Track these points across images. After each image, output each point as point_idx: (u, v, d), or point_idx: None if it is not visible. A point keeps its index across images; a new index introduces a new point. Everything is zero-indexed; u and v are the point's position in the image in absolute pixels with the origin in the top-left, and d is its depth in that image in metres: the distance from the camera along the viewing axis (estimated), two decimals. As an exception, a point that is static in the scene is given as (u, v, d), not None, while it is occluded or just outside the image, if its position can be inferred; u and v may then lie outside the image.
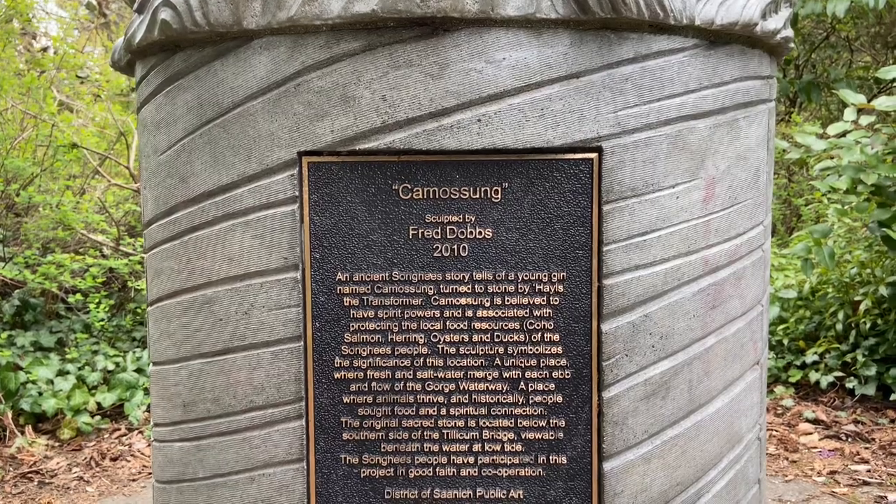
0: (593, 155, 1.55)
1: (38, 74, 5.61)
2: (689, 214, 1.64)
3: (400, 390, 1.61)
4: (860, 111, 3.93)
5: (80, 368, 5.01)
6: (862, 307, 5.09)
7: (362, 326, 1.60)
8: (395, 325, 1.59)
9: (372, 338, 1.60)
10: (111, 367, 5.07)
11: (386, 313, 1.59)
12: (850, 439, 4.45)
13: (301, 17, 1.49)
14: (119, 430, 4.76)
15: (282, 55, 1.54)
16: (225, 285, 1.64)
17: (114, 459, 4.32)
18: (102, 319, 5.27)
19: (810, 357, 5.29)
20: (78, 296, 5.17)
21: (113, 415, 4.92)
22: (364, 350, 1.60)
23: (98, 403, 4.89)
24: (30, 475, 4.05)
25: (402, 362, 1.60)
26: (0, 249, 5.39)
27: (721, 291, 1.71)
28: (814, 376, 5.17)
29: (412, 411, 1.61)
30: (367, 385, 1.61)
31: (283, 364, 1.61)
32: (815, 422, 4.72)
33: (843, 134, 4.01)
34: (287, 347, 1.61)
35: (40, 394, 4.70)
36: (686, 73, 1.60)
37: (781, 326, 5.68)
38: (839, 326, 5.24)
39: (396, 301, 1.59)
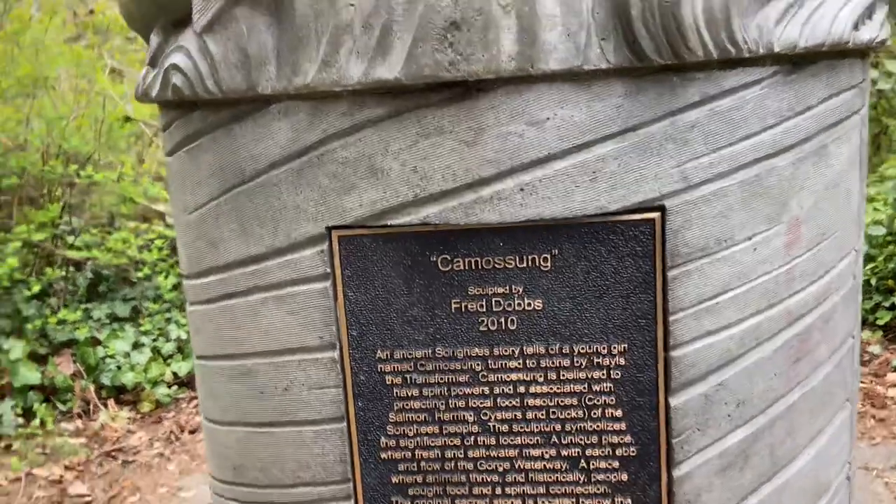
0: (655, 214, 1.36)
1: (86, 43, 5.56)
2: (770, 265, 1.44)
3: (451, 469, 1.51)
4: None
5: (154, 339, 5.14)
6: (960, 246, 4.71)
7: (407, 405, 1.49)
8: (442, 403, 1.48)
9: (418, 416, 1.50)
10: (184, 335, 5.18)
11: (431, 391, 1.48)
12: (945, 394, 4.20)
13: (318, 84, 1.33)
14: (195, 398, 4.90)
15: (302, 122, 1.39)
16: (263, 358, 1.56)
17: (192, 432, 4.46)
18: (171, 289, 5.36)
19: (901, 299, 4.97)
20: (146, 269, 5.26)
21: (189, 382, 5.06)
22: (410, 429, 1.50)
23: (174, 373, 5.03)
24: (114, 454, 4.22)
25: (452, 441, 1.50)
26: (69, 223, 5.50)
27: (807, 341, 1.53)
28: (905, 320, 4.87)
29: (465, 490, 1.52)
30: (416, 465, 1.52)
31: (328, 444, 1.53)
32: (906, 373, 4.46)
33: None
34: (330, 427, 1.52)
35: (119, 367, 4.86)
36: (764, 108, 1.38)
37: (870, 265, 5.34)
38: (933, 266, 4.88)
39: (442, 378, 1.47)
